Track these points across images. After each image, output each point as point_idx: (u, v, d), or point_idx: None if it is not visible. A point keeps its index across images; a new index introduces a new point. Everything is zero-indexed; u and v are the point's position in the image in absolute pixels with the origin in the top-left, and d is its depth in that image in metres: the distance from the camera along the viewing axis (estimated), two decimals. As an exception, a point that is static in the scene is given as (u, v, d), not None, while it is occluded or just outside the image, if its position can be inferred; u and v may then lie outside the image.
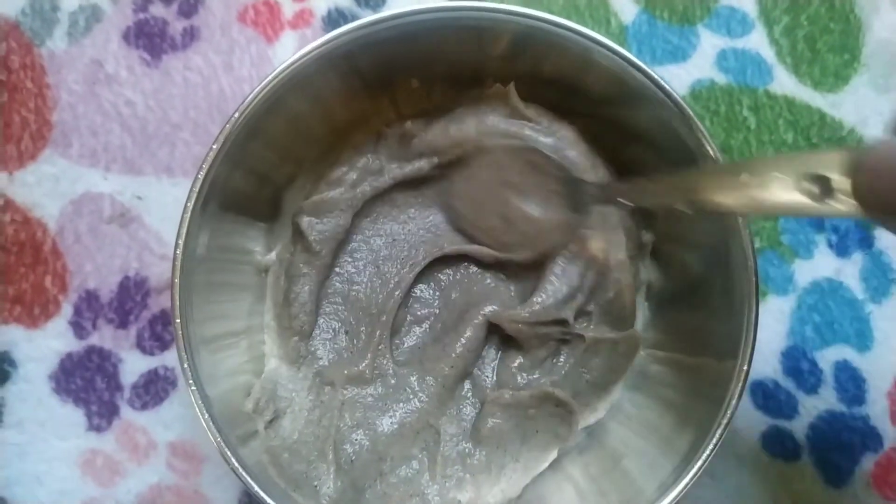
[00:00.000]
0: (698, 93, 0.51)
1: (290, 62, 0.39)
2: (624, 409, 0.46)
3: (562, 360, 0.46)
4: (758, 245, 0.50)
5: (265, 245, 0.47)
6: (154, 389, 0.49)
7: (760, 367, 0.49)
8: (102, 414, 0.48)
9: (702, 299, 0.44)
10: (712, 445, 0.38)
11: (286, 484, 0.41)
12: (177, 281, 0.38)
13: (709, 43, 0.52)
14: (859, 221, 0.50)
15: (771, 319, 0.49)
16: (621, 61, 0.40)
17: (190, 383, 0.38)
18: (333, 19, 0.51)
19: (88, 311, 0.49)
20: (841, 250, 0.50)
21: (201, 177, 0.39)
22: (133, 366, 0.49)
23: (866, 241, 0.50)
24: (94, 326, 0.49)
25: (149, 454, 0.48)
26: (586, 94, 0.44)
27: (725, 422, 0.38)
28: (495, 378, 0.46)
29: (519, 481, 0.45)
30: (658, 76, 0.39)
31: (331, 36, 0.39)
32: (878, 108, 0.51)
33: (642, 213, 0.46)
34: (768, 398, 0.49)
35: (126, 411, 0.48)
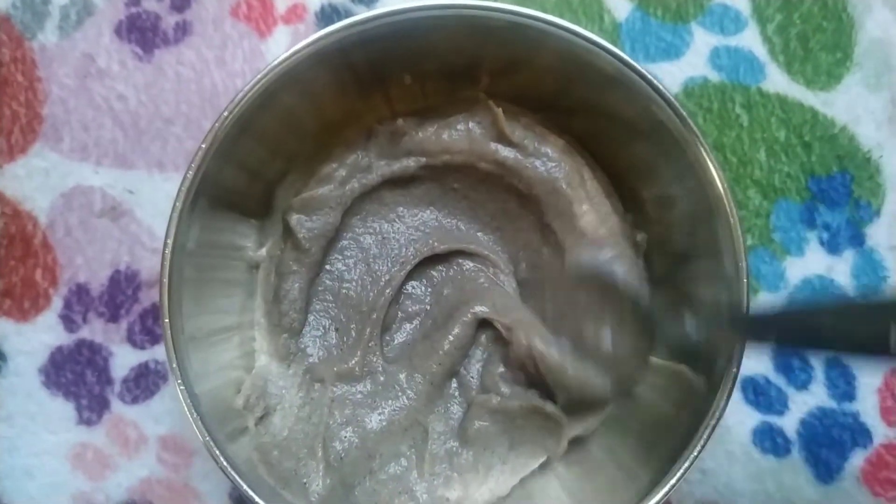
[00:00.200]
0: (691, 90, 0.51)
1: (282, 58, 0.39)
2: (612, 411, 0.46)
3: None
4: (749, 242, 0.50)
5: (256, 241, 0.47)
6: (144, 383, 0.48)
7: (751, 364, 0.49)
8: (93, 408, 0.48)
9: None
10: (703, 441, 0.38)
11: (275, 482, 0.41)
12: (165, 280, 0.38)
13: (702, 40, 0.52)
14: (850, 218, 0.50)
15: (762, 316, 0.50)
16: (613, 59, 0.39)
17: (179, 383, 0.38)
18: (327, 15, 0.51)
19: (79, 304, 0.49)
20: (832, 248, 0.50)
21: (191, 174, 0.38)
22: (123, 359, 0.49)
23: (857, 239, 0.50)
24: (84, 320, 0.49)
25: (139, 448, 0.48)
26: (580, 91, 0.43)
27: (714, 422, 0.38)
28: (479, 382, 0.46)
29: (507, 482, 0.44)
30: (650, 74, 0.39)
31: (324, 32, 0.39)
32: (870, 106, 0.51)
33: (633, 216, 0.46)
34: (759, 394, 0.49)
35: (116, 405, 0.48)
